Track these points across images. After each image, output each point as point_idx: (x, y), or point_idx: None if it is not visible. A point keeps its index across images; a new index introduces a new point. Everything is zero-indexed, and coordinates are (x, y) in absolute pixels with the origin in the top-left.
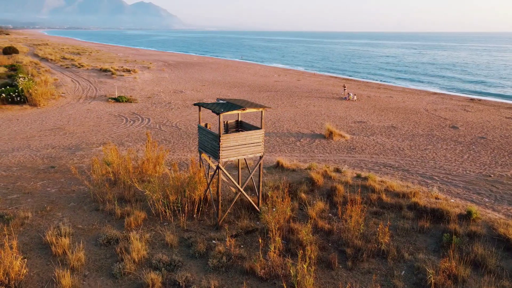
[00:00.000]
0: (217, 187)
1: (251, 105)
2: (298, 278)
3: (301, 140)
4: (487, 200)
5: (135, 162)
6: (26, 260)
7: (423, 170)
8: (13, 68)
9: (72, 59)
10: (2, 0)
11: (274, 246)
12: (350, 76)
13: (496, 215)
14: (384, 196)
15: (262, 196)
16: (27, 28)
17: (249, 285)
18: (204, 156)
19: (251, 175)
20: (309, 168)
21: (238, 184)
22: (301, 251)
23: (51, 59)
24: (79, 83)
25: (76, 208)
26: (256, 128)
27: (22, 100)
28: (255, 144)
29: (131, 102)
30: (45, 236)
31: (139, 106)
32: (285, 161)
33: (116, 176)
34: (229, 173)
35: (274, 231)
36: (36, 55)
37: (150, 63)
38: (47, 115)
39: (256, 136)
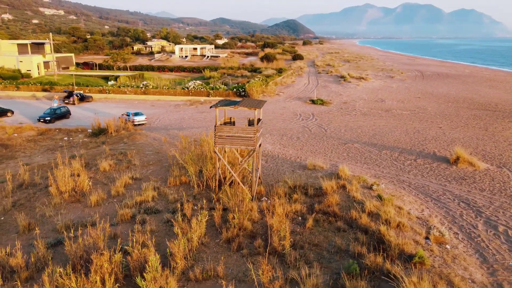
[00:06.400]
0: (215, 168)
1: (247, 105)
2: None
3: (418, 160)
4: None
5: None
6: (91, 181)
7: (502, 217)
8: (280, 71)
9: (332, 66)
10: (332, 16)
11: (201, 218)
12: None
13: (479, 277)
14: (364, 217)
15: (270, 189)
16: (345, 38)
17: (171, 241)
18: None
19: (244, 165)
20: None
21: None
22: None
23: (317, 65)
24: (307, 86)
25: (162, 166)
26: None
27: (244, 94)
28: (247, 139)
29: (323, 104)
30: (122, 176)
31: (325, 109)
32: (346, 171)
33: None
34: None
35: (200, 206)
36: (311, 61)
37: (402, 73)
38: None
39: (247, 132)
